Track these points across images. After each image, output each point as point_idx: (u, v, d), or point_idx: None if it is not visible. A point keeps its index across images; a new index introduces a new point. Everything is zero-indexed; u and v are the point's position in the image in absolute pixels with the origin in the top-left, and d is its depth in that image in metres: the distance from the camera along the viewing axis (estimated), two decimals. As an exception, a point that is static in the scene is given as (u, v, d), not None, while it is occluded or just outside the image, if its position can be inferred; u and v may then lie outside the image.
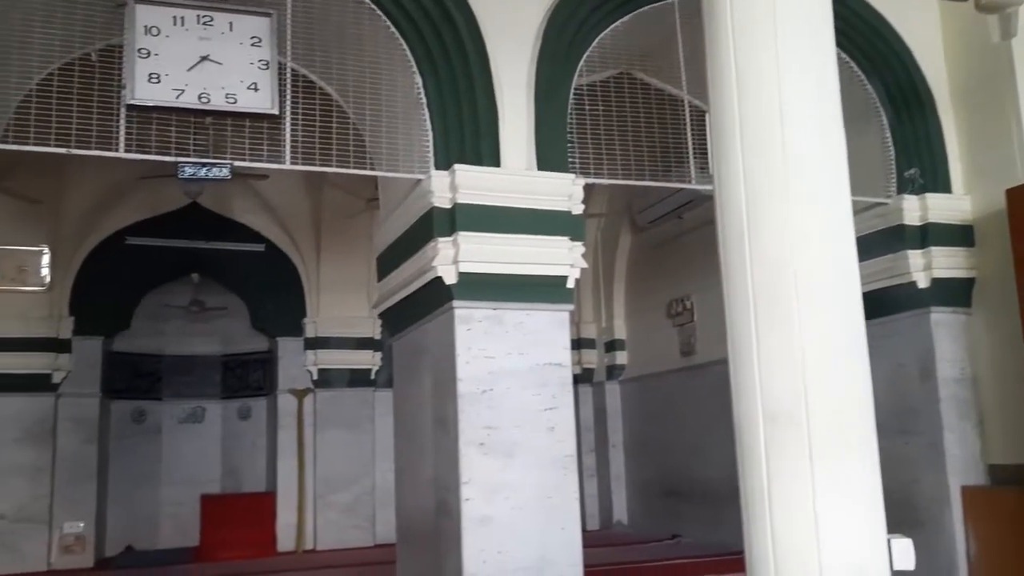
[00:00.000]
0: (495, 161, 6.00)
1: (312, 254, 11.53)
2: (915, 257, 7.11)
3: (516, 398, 5.93)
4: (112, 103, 5.30)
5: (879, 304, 6.78)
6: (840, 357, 3.03)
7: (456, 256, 5.85)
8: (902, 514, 5.81)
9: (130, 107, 5.29)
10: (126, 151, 5.32)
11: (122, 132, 5.29)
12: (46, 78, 5.43)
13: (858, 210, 5.63)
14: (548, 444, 5.96)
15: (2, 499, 9.96)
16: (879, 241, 7.24)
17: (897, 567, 2.96)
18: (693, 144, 6.65)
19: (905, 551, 2.96)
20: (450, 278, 5.90)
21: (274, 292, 11.73)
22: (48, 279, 10.21)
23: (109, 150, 5.25)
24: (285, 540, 11.15)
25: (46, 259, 10.22)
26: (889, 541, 2.94)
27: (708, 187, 6.67)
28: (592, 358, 12.29)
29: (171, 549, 11.28)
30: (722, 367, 3.27)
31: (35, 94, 5.33)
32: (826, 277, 3.10)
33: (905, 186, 7.25)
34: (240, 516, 11.31)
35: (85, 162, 8.91)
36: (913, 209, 7.17)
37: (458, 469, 5.76)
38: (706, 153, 6.43)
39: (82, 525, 10.43)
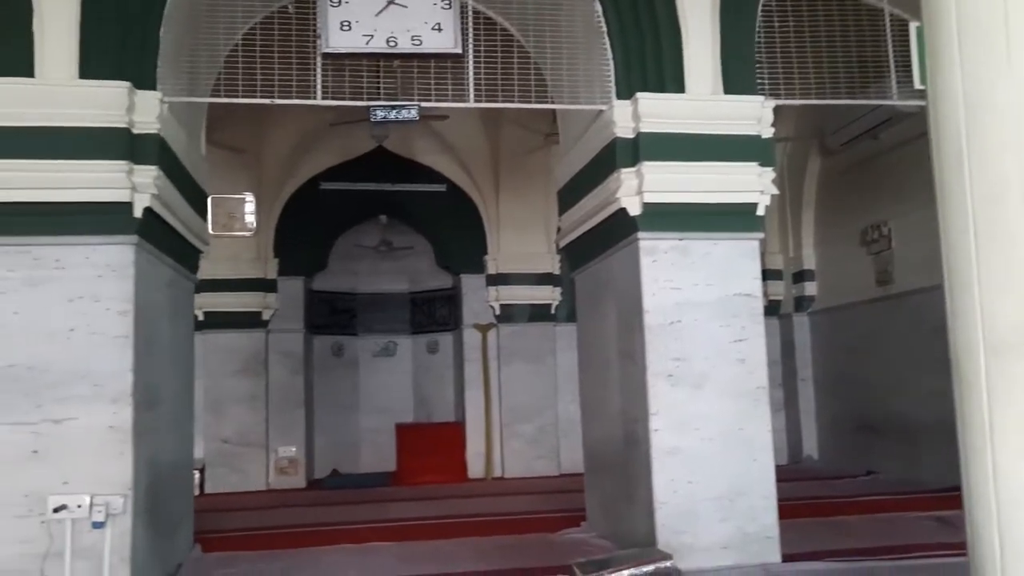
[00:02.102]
0: (679, 87, 5.85)
1: (491, 192, 11.75)
2: None
3: (704, 330, 5.86)
4: (309, 53, 5.59)
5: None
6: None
7: (640, 186, 5.79)
8: None
9: (325, 55, 5.55)
10: (323, 98, 5.61)
11: (319, 80, 5.58)
12: (249, 32, 5.79)
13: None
14: (738, 376, 5.87)
15: (226, 425, 11.04)
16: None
17: None
18: (894, 57, 6.18)
19: None
20: (634, 209, 5.86)
21: (456, 230, 12.09)
22: (254, 224, 11.01)
23: (308, 98, 5.56)
24: (475, 467, 11.69)
25: (251, 205, 11.03)
26: None
27: (913, 103, 6.21)
28: (778, 290, 11.87)
29: (372, 473, 12.08)
30: (923, 296, 3.08)
31: (240, 48, 5.70)
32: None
33: None
34: (432, 444, 11.95)
35: (281, 112, 9.48)
36: None
37: (646, 400, 5.80)
38: (909, 66, 5.95)
39: (294, 449, 11.39)
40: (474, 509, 8.74)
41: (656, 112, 5.81)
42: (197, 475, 9.25)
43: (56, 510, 5.05)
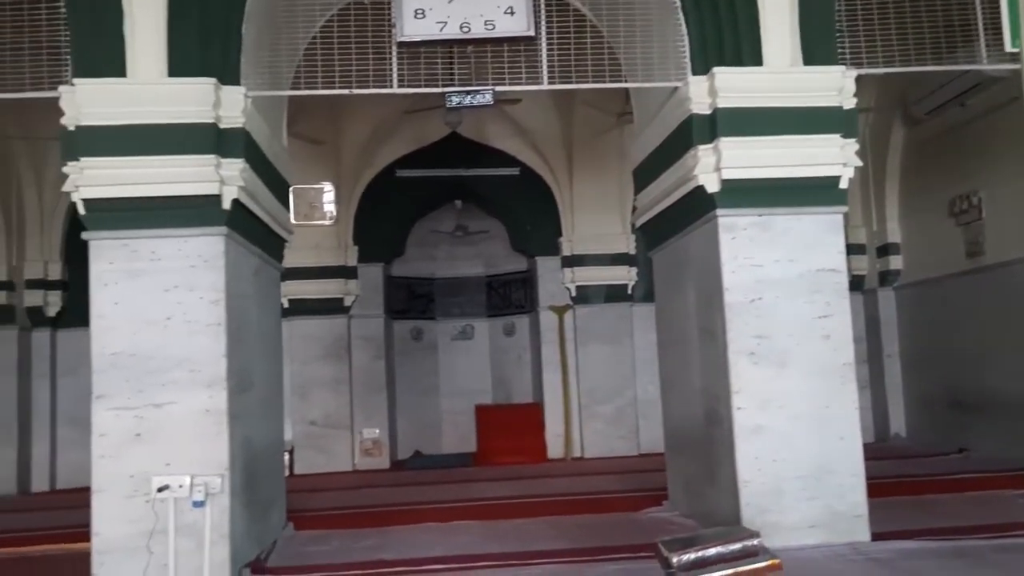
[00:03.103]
0: (756, 60, 5.74)
1: (565, 174, 11.74)
2: None
3: (787, 306, 5.77)
4: (384, 42, 5.69)
5: None
6: None
7: (718, 163, 5.73)
8: None
9: (400, 44, 5.63)
10: (399, 86, 5.70)
11: (394, 68, 5.68)
12: (326, 24, 5.92)
13: None
14: (823, 353, 5.77)
15: (313, 408, 11.38)
16: None
17: None
18: (984, 20, 5.95)
19: None
20: (712, 186, 5.80)
21: (530, 213, 12.13)
22: (334, 213, 11.29)
23: (385, 87, 5.66)
24: (555, 448, 11.77)
25: (331, 195, 11.29)
26: None
27: (1003, 67, 5.97)
28: (862, 264, 11.55)
29: (453, 454, 12.29)
30: (1017, 267, 2.97)
31: (318, 40, 5.83)
32: None
33: None
34: (512, 425, 12.07)
35: (357, 102, 9.66)
36: None
37: (728, 379, 5.75)
38: (999, 28, 5.72)
39: (378, 431, 11.67)
40: (555, 489, 8.81)
41: (733, 86, 5.72)
42: (286, 456, 9.57)
43: (159, 490, 5.31)
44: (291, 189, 7.35)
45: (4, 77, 5.39)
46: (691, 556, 3.72)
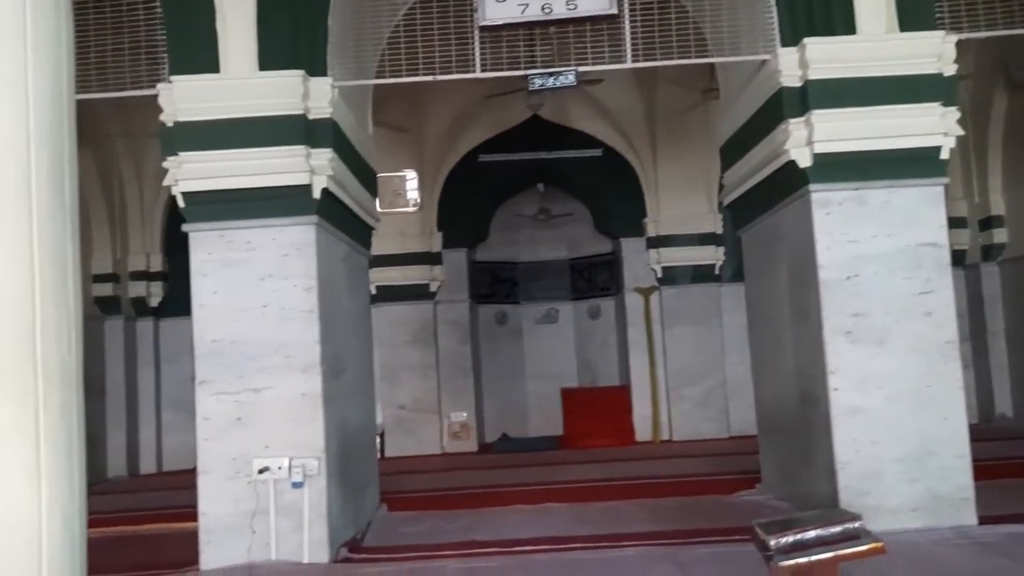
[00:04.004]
0: (849, 28, 5.53)
1: (648, 154, 11.59)
2: None
3: (885, 283, 5.57)
4: (467, 27, 5.70)
5: None
6: None
7: (810, 136, 5.55)
8: None
9: (482, 28, 5.63)
10: (482, 71, 5.71)
11: (477, 53, 5.69)
12: (408, 12, 5.97)
13: None
14: (924, 331, 5.56)
15: (401, 392, 11.59)
16: None
17: None
18: (1095, -25, 5.59)
19: None
20: (804, 160, 5.63)
21: (614, 195, 12.02)
22: (417, 200, 11.47)
23: (468, 72, 5.68)
24: (642, 430, 11.69)
25: (414, 182, 11.47)
26: None
27: (1120, 23, 5.60)
28: (963, 238, 11.03)
29: (539, 437, 12.33)
30: None
31: (401, 28, 5.89)
32: None
33: None
34: (598, 407, 12.04)
35: (439, 89, 9.70)
36: None
37: (823, 359, 5.60)
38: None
39: (465, 414, 11.81)
40: (644, 471, 8.77)
41: (825, 57, 5.53)
42: (377, 440, 9.77)
43: (260, 472, 5.50)
44: (377, 177, 7.48)
45: (106, 77, 5.63)
46: (790, 539, 3.62)
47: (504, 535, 6.04)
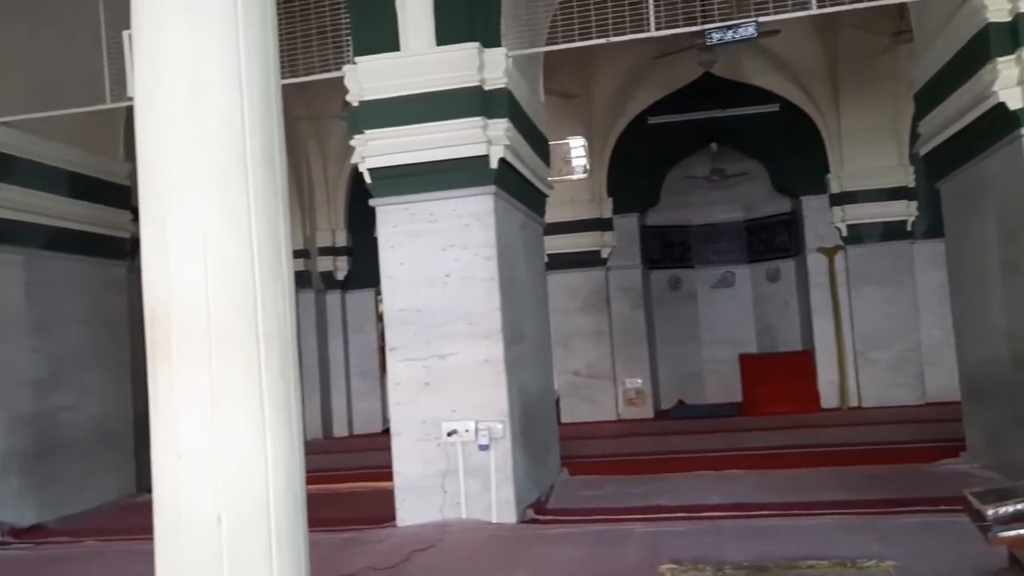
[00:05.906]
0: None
1: (830, 106, 10.95)
2: None
3: (1113, 232, 5.02)
4: (639, -15, 5.57)
5: None
6: None
7: (1022, 75, 5.05)
8: None
9: (656, -15, 5.49)
10: (657, 29, 5.57)
11: (651, 11, 5.55)
12: (578, -27, 5.90)
13: None
14: None
15: (575, 358, 11.68)
16: None
17: None
18: None
19: None
20: (1015, 102, 5.14)
21: (793, 151, 11.49)
22: (586, 167, 11.43)
23: (642, 31, 5.55)
24: (828, 397, 11.19)
25: (581, 149, 11.43)
26: None
27: None
28: None
29: (717, 403, 12.09)
30: None
31: (572, -10, 5.84)
32: None
33: None
34: (779, 373, 11.62)
35: (606, 53, 9.59)
36: None
37: (1040, 317, 5.13)
38: None
39: (640, 381, 11.75)
40: (832, 439, 8.41)
41: (1039, -14, 5.00)
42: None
43: (449, 435, 5.72)
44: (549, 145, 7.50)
45: (295, 63, 5.94)
46: (1009, 509, 3.36)
47: (688, 500, 5.99)
